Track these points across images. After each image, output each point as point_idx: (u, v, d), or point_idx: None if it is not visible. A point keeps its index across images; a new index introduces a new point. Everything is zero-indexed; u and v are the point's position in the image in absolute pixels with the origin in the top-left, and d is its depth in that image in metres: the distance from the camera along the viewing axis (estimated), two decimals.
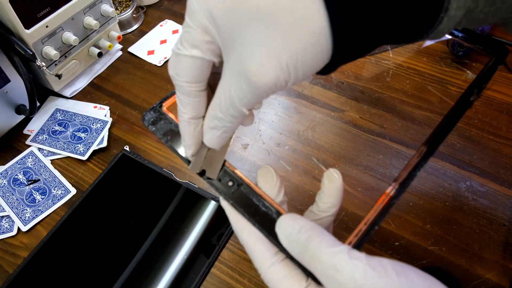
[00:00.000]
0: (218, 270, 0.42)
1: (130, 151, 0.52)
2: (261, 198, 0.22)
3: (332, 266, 0.19)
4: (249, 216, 0.21)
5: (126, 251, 0.43)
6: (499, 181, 0.46)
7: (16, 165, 0.52)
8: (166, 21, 0.71)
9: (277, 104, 0.56)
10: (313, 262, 0.19)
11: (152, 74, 0.63)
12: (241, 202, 0.22)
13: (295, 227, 0.20)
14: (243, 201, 0.22)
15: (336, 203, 0.23)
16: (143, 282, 0.41)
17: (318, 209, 0.23)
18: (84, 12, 0.56)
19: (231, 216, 0.22)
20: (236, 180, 0.23)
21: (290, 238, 0.20)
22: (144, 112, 0.25)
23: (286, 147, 0.51)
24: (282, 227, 0.20)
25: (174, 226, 0.45)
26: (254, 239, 0.21)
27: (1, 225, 0.47)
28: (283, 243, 0.20)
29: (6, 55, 0.50)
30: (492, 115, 0.53)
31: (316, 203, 0.24)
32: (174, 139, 0.24)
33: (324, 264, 0.19)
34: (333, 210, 0.23)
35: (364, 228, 0.22)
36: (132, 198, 0.48)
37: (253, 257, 0.22)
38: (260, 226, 0.21)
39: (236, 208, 0.22)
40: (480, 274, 0.40)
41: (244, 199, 0.22)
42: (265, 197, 0.22)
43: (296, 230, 0.20)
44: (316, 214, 0.23)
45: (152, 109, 0.25)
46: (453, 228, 0.43)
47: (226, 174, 0.23)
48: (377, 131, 0.52)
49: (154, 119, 0.25)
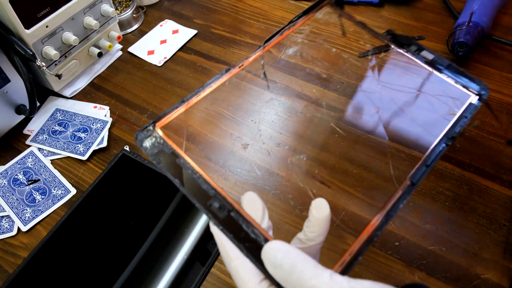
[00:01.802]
0: (218, 270, 0.42)
1: (130, 151, 0.52)
2: (250, 224, 0.22)
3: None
4: (238, 242, 0.21)
5: (126, 251, 0.43)
6: (499, 181, 0.46)
7: (16, 165, 0.52)
8: (166, 21, 0.71)
9: (277, 104, 0.56)
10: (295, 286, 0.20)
11: (152, 74, 0.63)
12: (231, 228, 0.22)
13: (279, 254, 0.20)
14: (232, 227, 0.22)
15: (323, 232, 0.23)
16: (143, 282, 0.41)
17: (306, 238, 0.24)
18: (84, 12, 0.56)
19: (219, 241, 0.23)
20: (226, 206, 0.22)
21: (274, 265, 0.20)
22: (137, 132, 0.25)
23: (286, 147, 0.51)
24: (267, 254, 0.21)
25: (174, 226, 0.45)
26: (240, 265, 0.22)
27: (1, 225, 0.47)
28: (268, 270, 0.21)
29: (6, 55, 0.50)
30: (492, 115, 0.53)
31: (304, 231, 0.24)
32: (165, 160, 0.24)
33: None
34: (320, 239, 0.23)
35: (348, 259, 0.23)
36: (132, 198, 0.48)
37: (239, 283, 0.22)
38: (248, 253, 0.21)
39: (225, 234, 0.22)
40: (480, 274, 0.40)
41: (233, 225, 0.22)
42: (254, 223, 0.22)
43: (281, 256, 0.20)
44: (304, 242, 0.24)
45: (145, 129, 0.25)
46: (453, 228, 0.43)
47: (217, 200, 0.22)
48: (377, 131, 0.52)
49: (146, 139, 0.24)
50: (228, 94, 0.58)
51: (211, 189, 0.23)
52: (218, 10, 0.73)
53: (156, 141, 0.24)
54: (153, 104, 0.58)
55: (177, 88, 0.60)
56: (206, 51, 0.65)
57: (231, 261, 0.22)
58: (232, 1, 0.74)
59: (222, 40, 0.67)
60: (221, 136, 0.54)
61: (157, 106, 0.58)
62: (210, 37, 0.68)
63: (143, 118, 0.57)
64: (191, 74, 0.62)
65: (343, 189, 0.46)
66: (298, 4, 0.72)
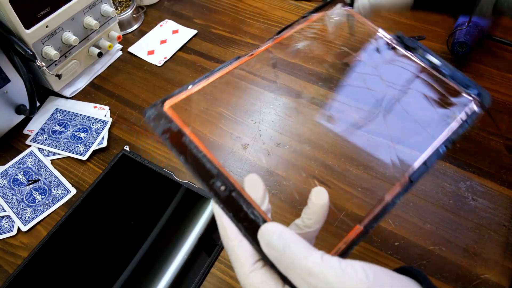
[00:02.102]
0: (218, 270, 0.42)
1: (130, 151, 0.52)
2: (250, 205, 0.22)
3: (306, 271, 0.20)
4: (237, 222, 0.22)
5: (126, 251, 0.43)
6: (499, 181, 0.46)
7: (16, 165, 0.52)
8: (166, 21, 0.71)
9: (277, 104, 0.56)
10: (289, 268, 0.20)
11: (152, 74, 0.63)
12: (231, 207, 0.22)
13: (275, 235, 0.21)
14: (233, 206, 0.22)
15: (320, 220, 0.24)
16: (143, 282, 0.41)
17: (303, 224, 0.24)
18: (84, 12, 0.56)
19: (219, 219, 0.23)
20: (228, 185, 0.23)
21: (269, 245, 0.21)
22: (146, 108, 0.25)
23: (286, 147, 0.51)
24: (263, 234, 0.21)
25: (174, 226, 0.45)
26: (237, 245, 0.22)
27: (1, 225, 0.47)
28: (263, 249, 0.21)
29: (6, 55, 0.50)
30: (492, 115, 0.53)
31: (302, 218, 0.25)
32: (171, 137, 0.24)
33: (299, 269, 0.20)
34: (317, 226, 0.24)
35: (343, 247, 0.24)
36: (132, 198, 0.48)
37: (235, 262, 0.22)
38: (246, 232, 0.22)
39: (225, 212, 0.22)
40: (480, 274, 0.40)
41: (234, 204, 0.22)
42: (254, 205, 0.23)
43: (276, 237, 0.21)
44: (301, 228, 0.24)
45: (154, 106, 0.25)
46: (453, 228, 0.43)
47: (219, 179, 0.23)
48: (377, 131, 0.52)
49: (154, 116, 0.25)
50: (228, 94, 0.58)
51: (214, 168, 0.23)
52: (218, 10, 0.73)
53: (164, 119, 0.25)
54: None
55: (177, 88, 0.60)
56: (206, 51, 0.65)
57: (228, 241, 0.23)
58: (232, 1, 0.74)
59: (222, 40, 0.67)
60: (221, 136, 0.54)
61: None
62: (210, 37, 0.68)
63: (143, 118, 0.57)
64: (191, 74, 0.62)
65: (343, 189, 0.46)
66: (298, 4, 0.72)
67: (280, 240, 0.21)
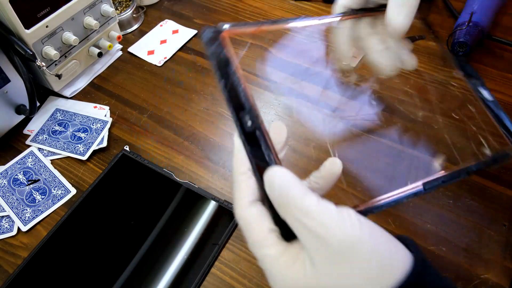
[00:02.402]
0: (218, 270, 0.42)
1: (130, 151, 0.52)
2: (268, 148, 0.23)
3: (303, 212, 0.21)
4: (251, 158, 0.23)
5: (126, 251, 0.43)
6: (499, 181, 0.46)
7: (16, 165, 0.52)
8: (166, 21, 0.71)
9: (277, 104, 0.56)
10: (287, 210, 0.21)
11: (152, 74, 0.63)
12: (251, 144, 0.23)
13: (278, 175, 0.22)
14: (253, 143, 0.23)
15: (325, 187, 0.25)
16: (143, 282, 0.41)
17: (308, 186, 0.25)
18: (84, 12, 0.56)
19: (236, 152, 0.24)
20: (256, 123, 0.23)
21: (271, 185, 0.22)
22: (205, 27, 0.25)
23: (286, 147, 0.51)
24: (269, 175, 0.22)
25: (174, 226, 0.45)
26: (244, 180, 0.23)
27: (1, 225, 0.47)
28: (265, 189, 0.22)
29: (6, 55, 0.50)
30: None
31: (308, 180, 0.26)
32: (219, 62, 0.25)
33: (295, 210, 0.21)
34: (320, 193, 0.25)
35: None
36: (132, 198, 0.48)
37: (237, 193, 0.23)
38: (256, 170, 0.23)
39: (245, 146, 0.23)
40: (480, 274, 0.40)
41: (255, 142, 0.23)
42: (272, 149, 0.23)
43: (279, 179, 0.22)
44: None
45: (214, 30, 0.26)
46: (453, 228, 0.43)
47: (249, 114, 0.24)
48: (377, 131, 0.52)
49: (210, 37, 0.25)
50: None
51: (248, 104, 0.24)
52: (218, 10, 0.73)
53: (218, 44, 0.25)
54: (153, 104, 0.58)
55: (177, 88, 0.60)
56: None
57: (239, 174, 0.24)
58: (232, 1, 0.74)
59: None
60: (221, 136, 0.54)
61: (157, 106, 0.57)
62: None
63: (143, 118, 0.57)
64: (191, 74, 0.62)
65: (343, 189, 0.46)
66: (298, 4, 0.72)
67: (282, 182, 0.21)
